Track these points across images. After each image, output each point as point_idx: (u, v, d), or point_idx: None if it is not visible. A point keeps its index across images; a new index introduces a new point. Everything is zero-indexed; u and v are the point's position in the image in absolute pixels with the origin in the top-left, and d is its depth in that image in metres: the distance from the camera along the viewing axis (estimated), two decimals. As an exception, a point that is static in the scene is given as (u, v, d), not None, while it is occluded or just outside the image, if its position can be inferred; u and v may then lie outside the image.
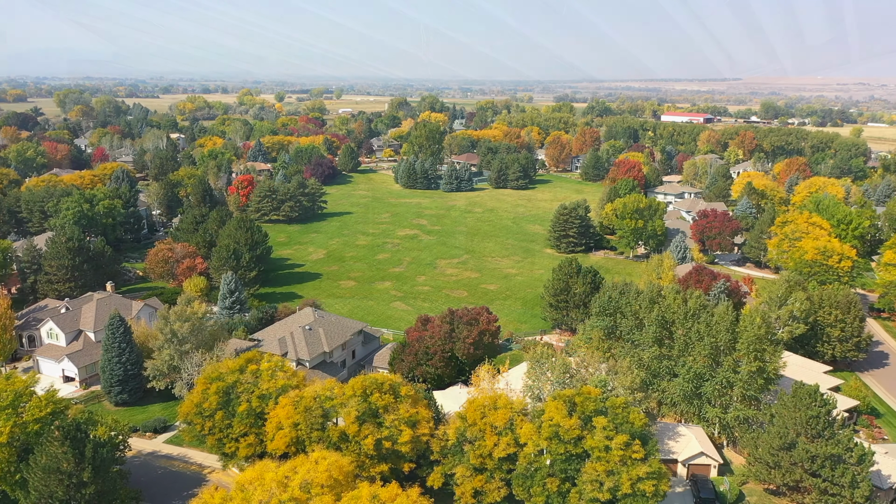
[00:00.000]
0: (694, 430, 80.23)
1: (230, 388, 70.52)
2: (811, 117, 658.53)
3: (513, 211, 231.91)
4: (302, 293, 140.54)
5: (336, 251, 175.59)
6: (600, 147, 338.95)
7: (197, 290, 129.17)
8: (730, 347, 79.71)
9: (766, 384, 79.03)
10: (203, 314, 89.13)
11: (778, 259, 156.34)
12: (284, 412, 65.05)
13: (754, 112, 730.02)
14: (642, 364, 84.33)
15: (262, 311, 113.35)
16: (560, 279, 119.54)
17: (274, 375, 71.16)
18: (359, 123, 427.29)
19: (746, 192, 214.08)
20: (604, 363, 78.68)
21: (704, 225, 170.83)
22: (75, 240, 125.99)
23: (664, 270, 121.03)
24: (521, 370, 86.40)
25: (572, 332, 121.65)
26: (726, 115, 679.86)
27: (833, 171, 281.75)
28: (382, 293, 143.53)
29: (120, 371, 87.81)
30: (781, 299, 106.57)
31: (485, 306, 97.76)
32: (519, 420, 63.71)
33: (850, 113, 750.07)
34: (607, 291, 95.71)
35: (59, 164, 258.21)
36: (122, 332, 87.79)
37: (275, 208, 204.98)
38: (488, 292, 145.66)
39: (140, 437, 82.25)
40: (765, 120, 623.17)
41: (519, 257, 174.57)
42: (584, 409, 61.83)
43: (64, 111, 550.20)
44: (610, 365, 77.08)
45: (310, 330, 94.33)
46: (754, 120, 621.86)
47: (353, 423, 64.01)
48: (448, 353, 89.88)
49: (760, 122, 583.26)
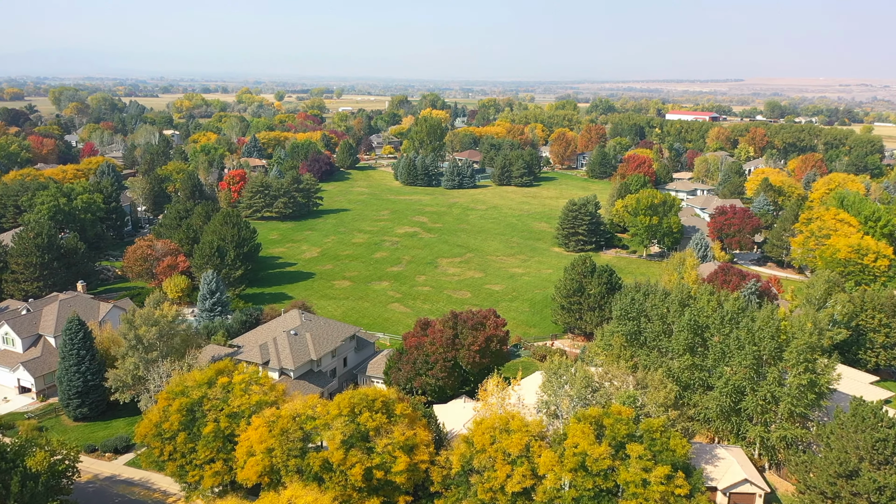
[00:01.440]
0: (733, 451, 69.80)
1: (196, 405, 60.11)
2: (818, 116, 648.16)
3: (517, 208, 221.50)
4: (292, 294, 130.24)
5: (331, 249, 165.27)
6: (606, 144, 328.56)
7: (177, 290, 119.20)
8: (775, 357, 69.35)
9: (818, 399, 68.62)
10: (174, 317, 78.78)
11: (803, 258, 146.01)
12: (257, 435, 54.74)
13: (759, 111, 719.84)
14: (671, 374, 74.01)
15: (247, 313, 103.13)
16: (573, 279, 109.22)
17: (248, 390, 60.82)
18: (358, 120, 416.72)
19: (763, 188, 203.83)
20: (629, 375, 68.26)
21: (723, 222, 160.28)
22: (45, 235, 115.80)
23: (686, 270, 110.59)
24: (534, 381, 76.09)
25: (586, 336, 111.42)
26: (731, 115, 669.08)
27: (848, 168, 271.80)
28: (379, 294, 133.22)
29: (79, 382, 77.49)
30: (820, 301, 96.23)
31: (492, 309, 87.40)
32: (536, 446, 53.21)
33: (856, 112, 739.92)
34: (629, 293, 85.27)
35: (45, 159, 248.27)
36: (82, 337, 77.50)
37: (267, 205, 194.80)
38: (493, 293, 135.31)
39: (98, 459, 71.89)
40: (770, 119, 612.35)
41: (525, 256, 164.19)
42: (615, 434, 51.48)
43: (59, 109, 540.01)
44: (638, 377, 66.64)
45: (295, 335, 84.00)
46: (759, 119, 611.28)
47: (338, 448, 53.67)
48: (451, 362, 79.52)
49: (766, 121, 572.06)
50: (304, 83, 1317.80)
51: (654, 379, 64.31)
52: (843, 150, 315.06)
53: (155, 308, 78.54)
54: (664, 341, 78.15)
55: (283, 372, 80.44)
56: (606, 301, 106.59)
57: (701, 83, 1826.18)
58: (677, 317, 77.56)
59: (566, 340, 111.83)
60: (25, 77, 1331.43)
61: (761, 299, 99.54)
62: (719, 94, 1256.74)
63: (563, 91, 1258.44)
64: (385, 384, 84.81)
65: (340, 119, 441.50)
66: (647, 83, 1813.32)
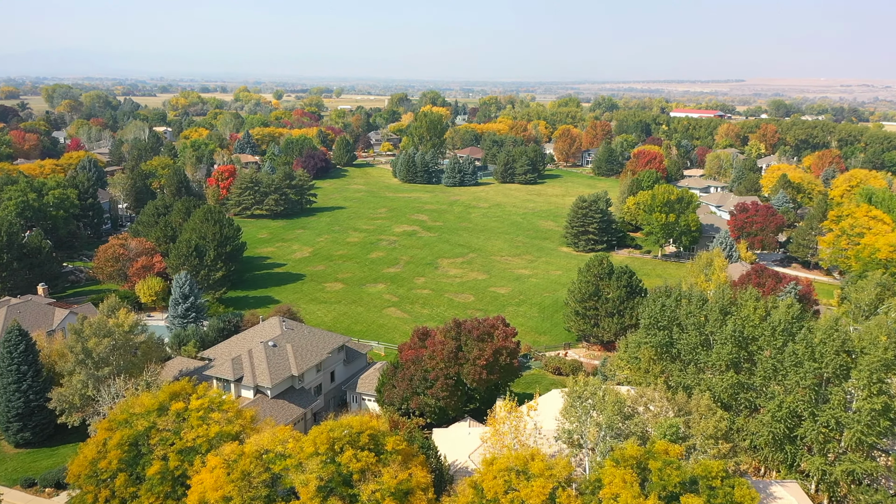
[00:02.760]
0: (790, 488, 58.51)
1: (141, 438, 49.05)
2: (824, 115, 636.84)
3: (522, 206, 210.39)
4: (280, 297, 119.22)
5: (323, 249, 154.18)
6: (613, 141, 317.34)
7: (151, 293, 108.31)
8: (840, 376, 58.27)
9: (893, 427, 57.53)
10: (131, 326, 67.70)
11: (834, 258, 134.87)
12: (212, 479, 43.70)
13: (764, 110, 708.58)
14: (713, 395, 62.93)
15: (224, 319, 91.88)
16: (588, 282, 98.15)
17: (206, 418, 49.71)
18: (356, 117, 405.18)
19: (781, 184, 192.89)
20: (667, 397, 57.20)
21: (744, 220, 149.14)
22: (3, 233, 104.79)
23: (714, 271, 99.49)
24: (550, 401, 65.05)
25: (602, 345, 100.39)
26: (735, 114, 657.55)
27: (865, 165, 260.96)
28: (374, 297, 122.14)
29: (20, 402, 66.42)
30: (870, 308, 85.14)
31: (500, 316, 76.30)
32: (564, 497, 41.97)
33: (862, 111, 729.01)
34: (659, 298, 74.13)
35: (27, 155, 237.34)
36: (24, 350, 66.47)
37: (258, 202, 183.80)
38: (498, 296, 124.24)
39: (35, 495, 60.78)
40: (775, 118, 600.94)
41: (531, 256, 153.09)
42: (665, 481, 40.42)
43: (52, 106, 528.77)
44: (679, 401, 55.50)
45: (274, 347, 72.91)
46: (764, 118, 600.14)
47: (312, 497, 42.61)
48: (453, 379, 68.43)
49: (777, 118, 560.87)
50: (303, 83, 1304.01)
51: (701, 403, 53.16)
52: (858, 146, 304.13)
53: (109, 315, 67.44)
54: (702, 355, 67.05)
55: (258, 390, 69.39)
56: (626, 306, 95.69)
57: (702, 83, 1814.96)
58: (718, 326, 66.47)
59: (581, 349, 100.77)
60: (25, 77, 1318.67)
61: (803, 305, 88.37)
62: (720, 95, 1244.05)
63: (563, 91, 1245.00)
64: (377, 403, 73.83)
65: (338, 116, 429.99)
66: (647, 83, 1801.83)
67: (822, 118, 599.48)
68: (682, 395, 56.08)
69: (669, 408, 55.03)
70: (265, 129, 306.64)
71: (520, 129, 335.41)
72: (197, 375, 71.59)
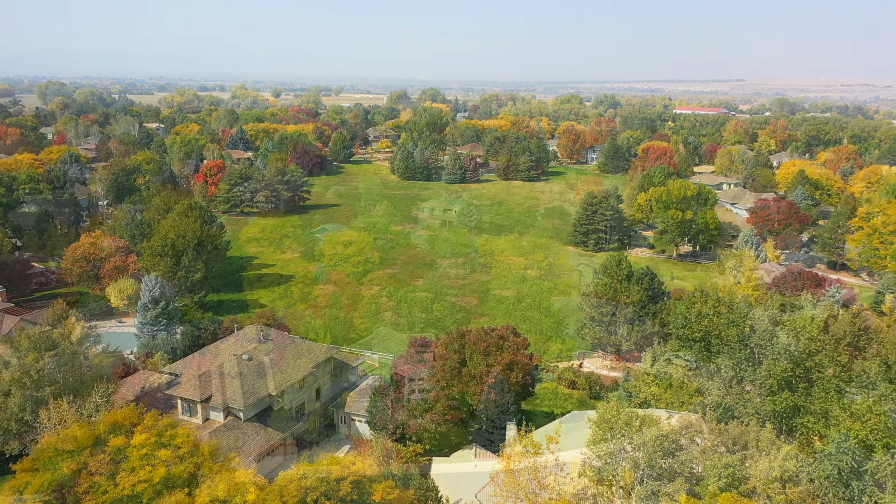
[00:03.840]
0: (861, 534, 48.88)
1: (67, 485, 39.24)
2: (830, 113, 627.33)
3: (525, 203, 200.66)
4: (266, 301, 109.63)
5: (315, 248, 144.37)
6: (618, 137, 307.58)
7: (123, 296, 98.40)
8: (921, 400, 48.64)
9: None
10: (80, 338, 57.89)
11: (866, 258, 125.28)
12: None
13: (767, 108, 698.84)
14: (759, 418, 53.26)
15: (199, 326, 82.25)
16: (605, 284, 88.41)
17: (151, 457, 39.89)
18: (354, 114, 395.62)
19: (799, 181, 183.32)
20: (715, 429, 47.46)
21: (766, 217, 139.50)
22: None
23: (745, 272, 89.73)
24: (570, 424, 55.36)
25: (620, 354, 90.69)
26: (739, 112, 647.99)
27: (881, 161, 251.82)
28: (369, 301, 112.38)
29: (-52, 427, 56.62)
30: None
31: (510, 325, 66.55)
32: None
33: (865, 110, 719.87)
34: (694, 304, 64.35)
35: (9, 151, 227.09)
36: (-47, 366, 56.64)
37: (248, 199, 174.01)
38: (503, 300, 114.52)
39: (-42, 542, 51.07)
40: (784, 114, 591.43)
41: (537, 256, 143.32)
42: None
43: (45, 103, 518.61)
44: (732, 433, 45.73)
45: (249, 360, 63.12)
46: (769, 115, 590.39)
47: (276, 569, 32.87)
48: (456, 400, 58.68)
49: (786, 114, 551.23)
50: (303, 83, 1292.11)
51: (762, 437, 43.41)
52: (872, 143, 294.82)
53: (53, 326, 57.65)
54: (748, 372, 57.35)
55: (230, 412, 59.62)
56: (647, 312, 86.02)
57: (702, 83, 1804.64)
58: (767, 338, 56.77)
59: (596, 359, 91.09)
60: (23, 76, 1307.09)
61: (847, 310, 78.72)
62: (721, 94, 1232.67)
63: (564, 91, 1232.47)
64: (369, 425, 64.08)
65: (336, 113, 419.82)
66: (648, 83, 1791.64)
67: (829, 116, 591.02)
68: (735, 425, 46.27)
69: (720, 442, 45.30)
70: (259, 125, 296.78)
71: (522, 126, 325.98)
72: (161, 394, 61.96)
